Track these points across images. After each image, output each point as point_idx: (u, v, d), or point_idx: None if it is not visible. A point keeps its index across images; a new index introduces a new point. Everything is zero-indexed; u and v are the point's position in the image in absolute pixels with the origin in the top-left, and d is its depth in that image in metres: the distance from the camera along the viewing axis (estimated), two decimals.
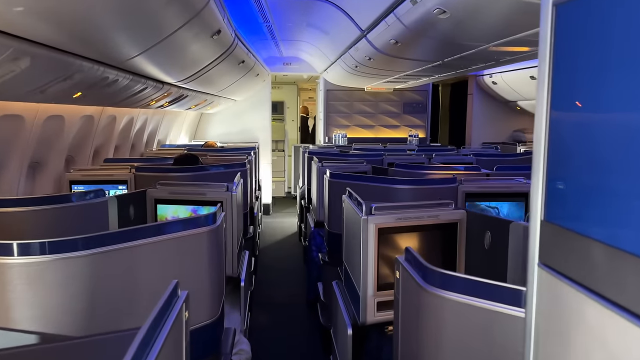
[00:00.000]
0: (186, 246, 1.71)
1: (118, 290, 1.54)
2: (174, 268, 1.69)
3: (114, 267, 1.55)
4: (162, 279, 1.66)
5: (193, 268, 1.74)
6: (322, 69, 7.75)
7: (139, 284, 1.58)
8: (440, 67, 4.57)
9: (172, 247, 1.67)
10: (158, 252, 1.63)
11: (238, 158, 4.81)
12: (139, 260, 1.59)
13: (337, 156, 5.33)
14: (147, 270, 1.61)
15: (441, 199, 3.00)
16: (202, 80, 4.63)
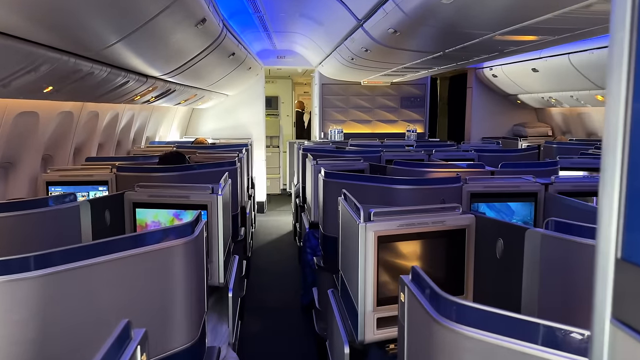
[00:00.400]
0: (158, 262, 1.49)
1: (76, 318, 1.32)
2: (145, 289, 1.47)
3: (71, 289, 1.33)
4: (130, 303, 1.44)
5: (167, 287, 1.53)
6: (317, 63, 7.52)
7: (101, 310, 1.36)
8: (441, 59, 4.35)
9: (142, 264, 1.45)
10: (124, 271, 1.41)
11: (228, 156, 4.58)
12: (100, 282, 1.37)
13: (332, 153, 5.12)
14: (110, 293, 1.39)
15: (444, 201, 2.81)
16: (190, 73, 4.39)
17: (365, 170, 4.09)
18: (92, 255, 1.37)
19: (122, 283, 1.41)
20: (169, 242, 1.51)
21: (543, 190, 2.82)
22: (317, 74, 8.15)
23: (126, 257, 1.41)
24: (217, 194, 2.42)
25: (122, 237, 1.46)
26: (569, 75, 6.10)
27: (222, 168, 3.58)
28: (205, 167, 3.49)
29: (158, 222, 2.49)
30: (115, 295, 1.40)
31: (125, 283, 1.42)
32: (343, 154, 5.05)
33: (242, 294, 3.83)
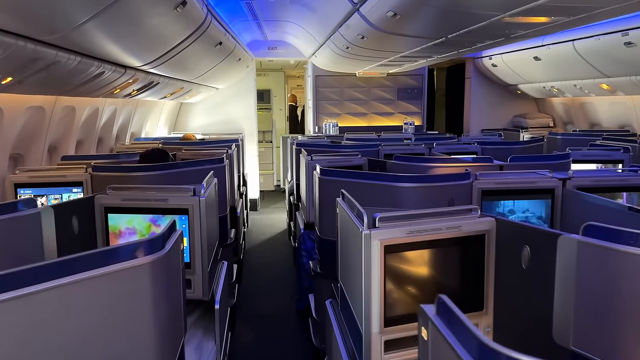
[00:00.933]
0: (122, 285, 1.22)
1: (23, 352, 1.06)
2: (106, 316, 1.21)
3: (11, 323, 1.06)
4: (89, 334, 1.18)
5: (133, 313, 1.26)
6: (310, 53, 7.23)
7: (53, 343, 1.10)
8: (442, 46, 4.09)
9: (100, 288, 1.18)
10: (77, 299, 1.14)
11: (217, 152, 4.31)
12: (49, 311, 1.10)
13: (328, 148, 4.85)
14: (63, 324, 1.12)
15: (453, 200, 2.55)
16: (174, 64, 4.10)
17: (363, 166, 3.83)
18: (36, 281, 1.10)
19: (75, 314, 1.14)
20: (133, 262, 1.24)
21: (560, 186, 2.57)
22: (310, 66, 7.86)
23: (78, 281, 1.14)
24: (199, 196, 2.15)
25: (74, 258, 1.19)
26: (573, 63, 5.86)
27: (209, 166, 3.31)
28: (190, 165, 3.21)
29: (133, 228, 2.22)
30: (70, 326, 1.14)
31: (79, 313, 1.16)
32: (339, 149, 4.79)
33: (232, 301, 3.57)
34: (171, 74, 4.61)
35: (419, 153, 4.72)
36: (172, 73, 4.56)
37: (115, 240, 2.23)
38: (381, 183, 2.58)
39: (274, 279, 5.09)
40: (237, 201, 4.97)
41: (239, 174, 5.59)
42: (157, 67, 3.89)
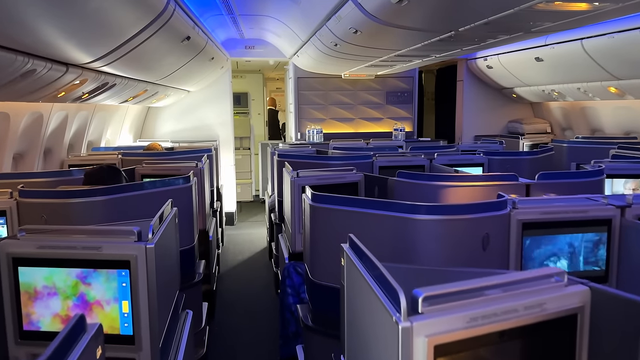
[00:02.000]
0: None
1: None
2: None
3: None
4: None
5: None
6: (292, 53, 6.64)
7: None
8: (447, 42, 3.56)
9: None
10: None
11: (184, 167, 3.68)
12: None
13: (314, 159, 4.27)
14: None
15: (489, 237, 2.00)
16: (131, 61, 3.47)
17: (359, 184, 3.26)
18: None
19: None
20: None
21: (619, 215, 2.04)
22: (291, 67, 7.27)
23: None
24: (145, 243, 1.54)
25: None
26: (581, 64, 5.42)
27: (171, 187, 2.69)
28: (147, 188, 2.59)
29: (53, 287, 1.59)
30: None
31: None
32: (327, 160, 4.21)
33: (201, 352, 2.94)
34: (130, 74, 3.96)
35: (418, 165, 4.18)
36: (131, 72, 3.92)
37: (30, 304, 1.60)
38: (392, 214, 2.00)
39: (253, 314, 4.44)
40: (210, 221, 4.35)
41: (212, 188, 4.96)
42: (110, 64, 3.25)
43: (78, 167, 4.49)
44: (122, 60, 3.27)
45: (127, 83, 4.12)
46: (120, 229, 1.57)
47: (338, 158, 4.18)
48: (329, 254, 2.17)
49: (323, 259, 2.23)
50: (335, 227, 2.14)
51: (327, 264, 2.20)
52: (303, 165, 4.10)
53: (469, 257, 1.89)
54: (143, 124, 7.26)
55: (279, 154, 4.42)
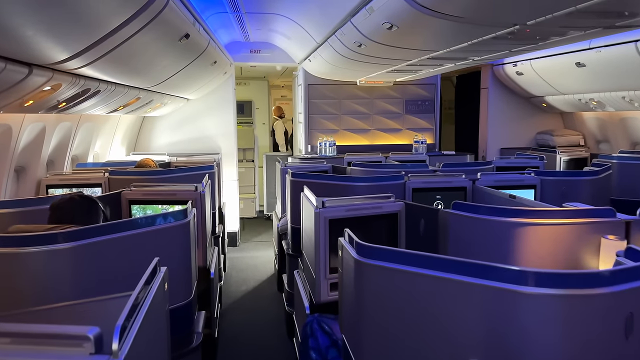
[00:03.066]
0: None
1: None
2: None
3: None
4: None
5: None
6: (303, 57, 6.04)
7: None
8: (504, 39, 2.94)
9: None
10: None
11: (181, 191, 3.06)
12: None
13: (334, 180, 3.65)
14: None
15: (633, 316, 1.37)
16: (116, 62, 2.86)
17: (399, 215, 2.63)
18: None
19: None
20: None
21: None
22: (301, 73, 6.67)
23: None
24: (113, 346, 0.90)
25: None
26: (633, 69, 4.80)
27: (163, 226, 2.06)
28: (130, 228, 1.95)
29: None
30: None
31: None
32: (350, 181, 3.58)
33: None
34: (117, 78, 3.35)
35: (458, 188, 3.56)
36: (118, 76, 3.30)
37: None
38: (487, 284, 1.36)
39: None
40: (211, 252, 3.71)
41: (213, 210, 4.34)
42: (89, 65, 2.64)
43: (58, 187, 3.89)
44: (104, 60, 2.65)
45: (115, 89, 3.51)
46: (68, 332, 0.93)
47: (363, 179, 3.55)
48: (380, 327, 1.53)
49: (373, 327, 1.59)
50: (386, 287, 1.52)
51: (375, 340, 1.56)
52: (322, 188, 3.49)
53: (606, 351, 1.27)
54: (137, 136, 6.65)
55: (292, 173, 3.79)
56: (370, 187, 3.47)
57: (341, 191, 3.49)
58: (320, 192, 2.84)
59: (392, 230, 2.57)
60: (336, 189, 3.51)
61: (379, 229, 2.55)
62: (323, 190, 3.39)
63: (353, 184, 3.50)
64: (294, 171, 3.91)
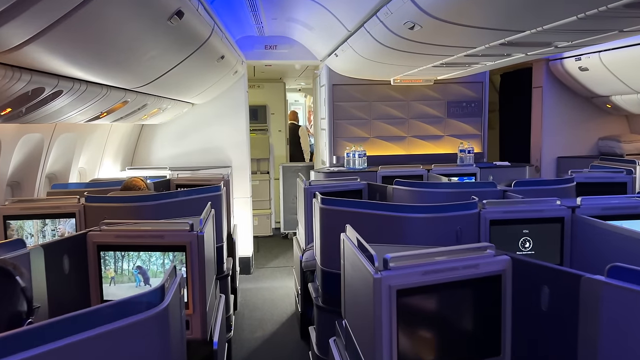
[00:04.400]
0: None
1: None
2: None
3: None
4: None
5: None
6: (327, 52, 5.17)
7: None
8: (601, 19, 2.01)
9: None
10: None
11: (171, 232, 2.18)
12: None
13: (376, 209, 2.72)
14: None
15: None
16: (77, 47, 2.01)
17: (503, 278, 1.70)
18: None
19: None
20: None
21: None
22: (324, 71, 5.78)
23: None
24: None
25: None
26: None
27: (119, 325, 1.17)
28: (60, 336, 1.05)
29: None
30: None
31: None
32: (401, 212, 2.65)
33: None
34: (89, 73, 2.50)
35: (553, 219, 2.63)
36: (89, 70, 2.45)
37: None
38: None
39: None
40: (214, 314, 2.81)
41: (220, 244, 3.47)
42: (37, 48, 1.79)
43: (18, 218, 3.05)
44: (57, 43, 1.80)
45: (86, 89, 2.66)
46: None
47: (419, 208, 2.62)
48: None
49: None
50: None
51: None
52: (362, 220, 2.60)
53: None
54: (135, 147, 5.83)
55: (323, 199, 2.89)
56: (432, 221, 2.56)
57: (392, 226, 2.58)
58: (361, 225, 2.00)
59: (492, 303, 1.64)
60: (383, 222, 2.61)
61: (471, 304, 1.62)
62: (364, 224, 2.51)
63: (407, 215, 2.58)
64: (322, 194, 3.01)
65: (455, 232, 2.55)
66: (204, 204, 2.81)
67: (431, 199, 3.42)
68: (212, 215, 2.66)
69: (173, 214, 3.10)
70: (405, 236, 2.56)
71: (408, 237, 2.56)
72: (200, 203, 3.14)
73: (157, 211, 3.10)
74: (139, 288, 2.19)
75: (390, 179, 4.79)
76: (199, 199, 3.31)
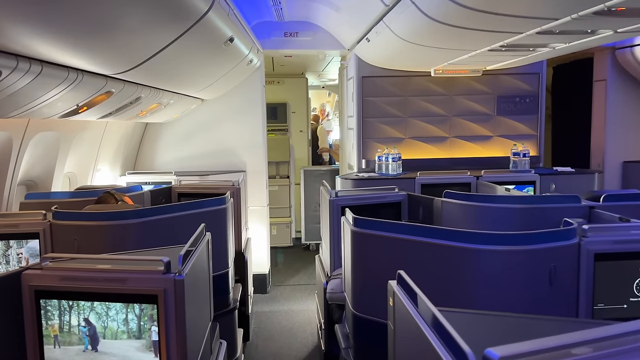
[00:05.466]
0: None
1: None
2: None
3: None
4: None
5: None
6: (357, 38, 4.46)
7: None
8: None
9: None
10: None
11: (134, 276, 1.50)
12: None
13: (428, 236, 1.99)
14: None
15: None
16: None
17: None
18: None
19: None
20: None
21: None
22: (352, 62, 5.07)
23: None
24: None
25: None
26: None
27: None
28: None
29: None
30: None
31: None
32: (467, 242, 1.91)
33: None
34: (49, 51, 1.85)
35: None
36: (49, 48, 1.81)
37: None
38: None
39: None
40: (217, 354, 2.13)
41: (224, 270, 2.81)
42: None
43: None
44: None
45: (41, 71, 2.01)
46: None
47: (493, 237, 1.87)
48: None
49: None
50: None
51: None
52: (408, 250, 1.90)
53: None
54: (138, 149, 5.22)
55: (355, 220, 2.19)
56: (514, 256, 1.83)
57: (454, 261, 1.86)
58: (408, 257, 1.42)
59: None
60: (441, 255, 1.88)
61: None
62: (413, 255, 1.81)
63: (477, 247, 1.84)
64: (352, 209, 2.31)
65: (547, 271, 1.82)
66: (205, 220, 2.16)
67: (495, 217, 2.69)
68: (207, 240, 1.98)
69: (163, 235, 2.46)
70: (475, 276, 1.84)
71: (479, 279, 1.84)
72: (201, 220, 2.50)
73: (142, 232, 2.45)
74: (87, 354, 1.52)
75: (430, 187, 4.09)
76: (199, 215, 2.65)
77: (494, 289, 1.84)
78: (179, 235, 2.01)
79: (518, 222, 2.66)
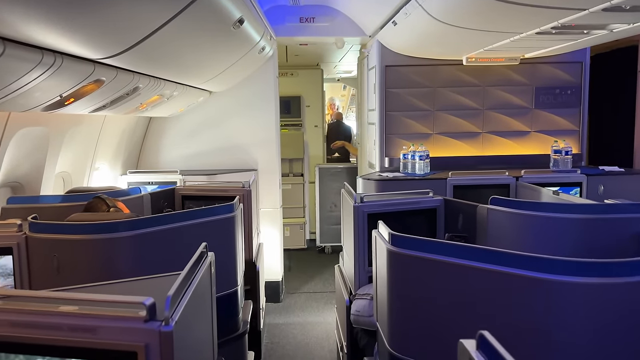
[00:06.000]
0: None
1: None
2: None
3: None
4: None
5: None
6: (381, 22, 4.03)
7: None
8: None
9: None
10: None
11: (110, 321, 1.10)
12: None
13: (483, 260, 1.57)
14: None
15: None
16: None
17: None
18: None
19: None
20: None
21: None
22: (375, 49, 4.63)
23: None
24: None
25: None
26: None
27: None
28: None
29: None
30: None
31: None
32: (538, 271, 1.48)
33: None
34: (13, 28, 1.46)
35: None
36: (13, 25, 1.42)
37: None
38: None
39: None
40: None
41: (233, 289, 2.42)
42: None
43: None
44: None
45: (4, 51, 1.63)
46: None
47: (575, 266, 1.44)
48: None
49: None
50: None
51: None
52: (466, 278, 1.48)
53: None
54: (142, 145, 4.85)
55: (393, 237, 1.77)
56: (597, 288, 1.40)
57: (524, 295, 1.44)
58: (461, 284, 1.11)
59: None
60: (507, 286, 1.46)
61: None
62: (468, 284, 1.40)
63: (552, 278, 1.41)
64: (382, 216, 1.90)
65: None
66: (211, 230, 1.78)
67: (555, 229, 2.25)
68: (210, 263, 1.58)
69: (162, 251, 2.09)
70: (553, 318, 1.41)
71: (557, 321, 1.41)
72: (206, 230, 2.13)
73: (137, 247, 2.06)
74: None
75: (463, 189, 3.67)
76: (204, 225, 2.26)
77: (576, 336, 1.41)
78: (181, 252, 1.67)
79: (584, 235, 2.23)
